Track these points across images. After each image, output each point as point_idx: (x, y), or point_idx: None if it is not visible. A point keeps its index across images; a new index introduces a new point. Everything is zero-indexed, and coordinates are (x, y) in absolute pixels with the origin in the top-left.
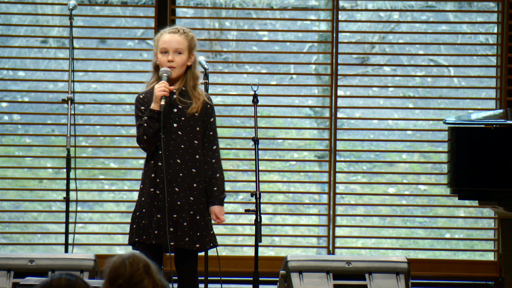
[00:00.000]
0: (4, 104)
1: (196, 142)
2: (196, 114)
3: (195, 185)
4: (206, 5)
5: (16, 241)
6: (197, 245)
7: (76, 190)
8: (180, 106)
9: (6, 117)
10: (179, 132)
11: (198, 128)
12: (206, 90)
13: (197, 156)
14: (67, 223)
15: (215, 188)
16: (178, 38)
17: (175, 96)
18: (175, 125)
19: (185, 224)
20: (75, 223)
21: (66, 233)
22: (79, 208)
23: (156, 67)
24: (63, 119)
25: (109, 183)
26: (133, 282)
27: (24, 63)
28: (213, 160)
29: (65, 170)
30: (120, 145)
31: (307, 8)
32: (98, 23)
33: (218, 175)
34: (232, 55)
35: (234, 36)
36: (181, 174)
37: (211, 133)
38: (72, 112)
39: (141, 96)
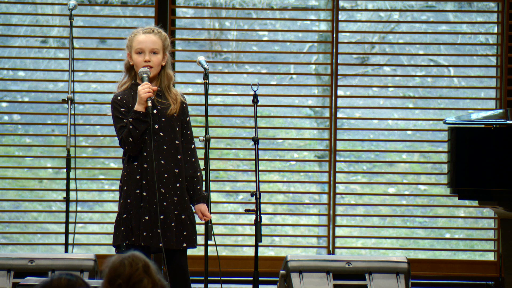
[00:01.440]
0: (4, 104)
1: (177, 142)
2: (175, 115)
3: (178, 185)
4: (206, 5)
5: (16, 241)
6: (184, 244)
7: (76, 190)
8: (159, 107)
9: (6, 117)
10: (161, 133)
11: (177, 128)
12: (206, 90)
13: (179, 156)
14: (67, 223)
15: (198, 187)
16: (153, 38)
17: (153, 97)
18: (156, 126)
19: (172, 224)
20: (75, 223)
21: (66, 233)
22: (79, 208)
23: (129, 68)
24: (63, 119)
25: (109, 183)
26: (132, 282)
27: (24, 63)
28: (193, 159)
29: (65, 170)
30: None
31: (307, 8)
32: (98, 23)
33: (198, 173)
34: (232, 55)
35: (234, 36)
36: (166, 175)
37: (188, 132)
38: (72, 112)
39: (119, 98)
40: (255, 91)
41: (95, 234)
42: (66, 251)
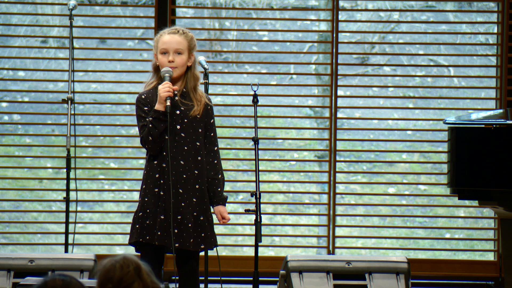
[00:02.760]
0: (4, 104)
1: (198, 143)
2: (198, 116)
3: (197, 186)
4: (206, 5)
5: (16, 241)
6: (202, 246)
7: (76, 190)
8: (182, 108)
9: (6, 117)
10: (182, 134)
11: (200, 130)
12: (206, 90)
13: (199, 158)
14: (67, 223)
15: (218, 189)
16: (178, 39)
17: (176, 98)
18: (178, 127)
19: (189, 225)
20: (75, 223)
21: (66, 233)
22: (79, 208)
23: (156, 68)
24: (63, 119)
25: (109, 183)
26: (123, 285)
27: (24, 63)
28: (215, 161)
29: (65, 170)
30: (120, 145)
31: (307, 8)
32: (98, 23)
33: (220, 175)
34: (232, 55)
35: (234, 36)
36: (184, 176)
37: (212, 134)
38: (72, 112)
39: (143, 97)
40: (255, 91)
41: (95, 234)
42: (66, 251)
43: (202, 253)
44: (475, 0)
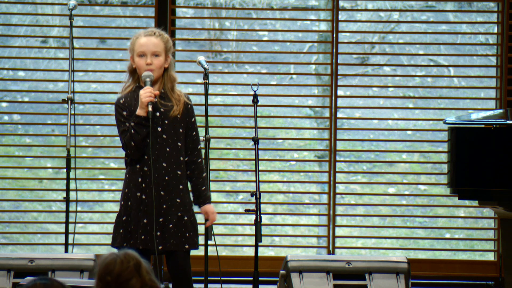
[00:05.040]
0: (4, 104)
1: (179, 144)
2: (179, 116)
3: (181, 186)
4: (206, 5)
5: (16, 241)
6: (186, 246)
7: (76, 190)
8: (162, 110)
9: (6, 117)
10: (164, 136)
11: (181, 130)
12: (206, 90)
13: (181, 158)
14: (67, 223)
15: (203, 188)
16: (154, 41)
17: (156, 100)
18: (159, 128)
19: (170, 226)
20: (75, 223)
21: (66, 233)
22: (79, 208)
23: (132, 71)
24: (63, 119)
25: (109, 183)
26: (121, 280)
27: (24, 63)
28: (199, 160)
29: (65, 170)
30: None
31: (307, 8)
32: (98, 23)
33: (204, 174)
34: (232, 55)
35: (234, 36)
36: (166, 178)
37: (194, 133)
38: (72, 112)
39: (121, 101)
40: (255, 91)
41: (95, 234)
42: (66, 251)
43: (202, 253)
44: (475, 0)
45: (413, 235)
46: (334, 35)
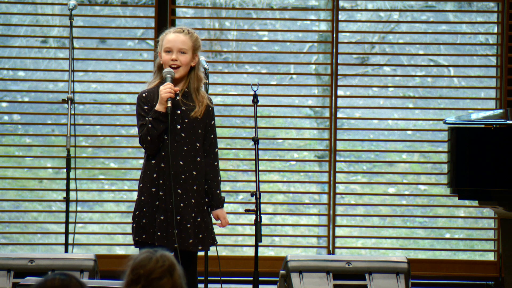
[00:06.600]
0: (4, 104)
1: (198, 144)
2: (199, 117)
3: (195, 187)
4: (206, 5)
5: (16, 241)
6: (200, 247)
7: (76, 190)
8: (183, 108)
9: (6, 117)
10: (182, 134)
11: (200, 131)
12: (206, 90)
13: (198, 159)
14: (67, 223)
15: (217, 191)
16: (182, 38)
17: (178, 98)
18: (178, 127)
19: (188, 226)
20: (75, 223)
21: (66, 233)
22: (79, 208)
23: (160, 67)
24: (63, 119)
25: (109, 183)
26: (152, 277)
27: (24, 63)
28: (215, 163)
29: (65, 170)
30: (120, 145)
31: (307, 8)
32: (98, 23)
33: (219, 178)
34: (232, 55)
35: (234, 36)
36: (183, 176)
37: (212, 136)
38: (72, 112)
39: (144, 95)
40: (255, 91)
41: (95, 234)
42: (66, 251)
43: (202, 253)
44: (475, 0)
45: (413, 235)
46: (334, 35)
